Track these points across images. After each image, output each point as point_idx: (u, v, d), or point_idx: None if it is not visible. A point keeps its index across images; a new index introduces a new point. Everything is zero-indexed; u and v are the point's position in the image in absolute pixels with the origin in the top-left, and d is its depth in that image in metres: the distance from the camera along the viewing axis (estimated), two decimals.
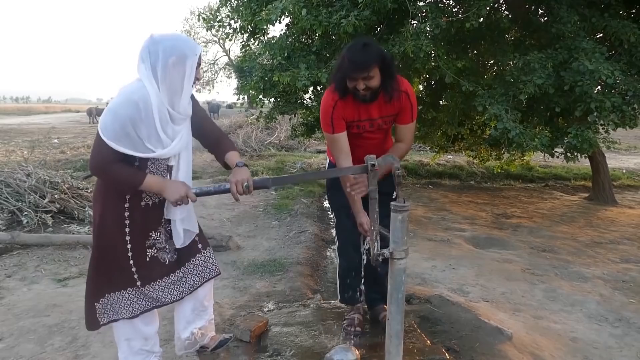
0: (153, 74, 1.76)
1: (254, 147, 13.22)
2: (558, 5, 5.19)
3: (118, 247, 1.93)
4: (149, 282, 2.02)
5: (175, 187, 1.87)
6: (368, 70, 2.16)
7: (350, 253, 2.66)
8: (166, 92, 1.79)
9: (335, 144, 2.41)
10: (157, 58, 1.75)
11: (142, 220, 1.95)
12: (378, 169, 1.92)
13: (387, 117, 2.42)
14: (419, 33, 4.88)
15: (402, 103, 2.35)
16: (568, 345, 2.85)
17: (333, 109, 2.34)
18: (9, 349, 2.61)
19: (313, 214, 6.23)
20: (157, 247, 2.01)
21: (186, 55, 1.77)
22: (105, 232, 1.92)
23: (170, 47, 1.75)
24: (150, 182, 1.85)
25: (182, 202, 1.87)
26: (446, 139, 8.47)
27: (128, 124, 1.73)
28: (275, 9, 5.13)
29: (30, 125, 23.79)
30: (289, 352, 2.38)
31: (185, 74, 1.79)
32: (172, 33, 1.85)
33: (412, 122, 2.44)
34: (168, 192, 1.86)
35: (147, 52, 1.76)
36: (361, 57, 2.15)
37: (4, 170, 5.82)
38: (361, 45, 2.19)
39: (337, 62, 2.33)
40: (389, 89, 2.26)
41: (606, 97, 4.71)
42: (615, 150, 12.19)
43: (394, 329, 1.92)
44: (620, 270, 4.21)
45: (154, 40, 1.77)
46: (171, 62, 1.75)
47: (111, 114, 1.75)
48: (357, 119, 2.39)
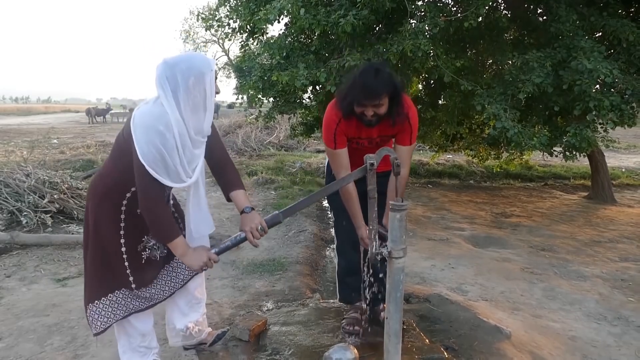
0: (175, 100, 1.73)
1: (254, 147, 13.22)
2: (557, 4, 5.19)
3: (113, 251, 1.93)
4: (144, 285, 2.04)
5: (197, 254, 1.88)
6: (379, 98, 2.16)
7: (349, 253, 2.66)
8: (190, 115, 1.77)
9: (336, 159, 2.43)
10: (176, 82, 1.72)
11: (136, 225, 1.95)
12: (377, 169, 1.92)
13: (386, 137, 2.45)
14: (417, 32, 4.88)
15: (403, 126, 2.35)
16: (567, 343, 2.86)
17: (337, 126, 2.35)
18: (9, 349, 2.61)
19: (312, 213, 6.23)
20: (148, 247, 2.02)
21: (204, 73, 1.76)
22: (100, 236, 1.92)
23: (187, 69, 1.73)
24: (178, 243, 1.85)
25: (207, 266, 1.89)
26: (445, 138, 8.47)
27: (162, 150, 1.72)
28: (273, 8, 5.13)
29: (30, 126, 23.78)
30: (288, 351, 2.39)
31: (207, 91, 1.78)
32: (184, 53, 1.87)
33: (410, 145, 2.42)
34: (189, 260, 1.87)
35: (165, 78, 1.73)
36: (373, 84, 2.13)
37: (4, 170, 5.82)
38: (374, 71, 2.16)
39: (346, 84, 2.30)
40: (393, 114, 2.26)
41: (605, 96, 4.71)
42: (614, 149, 12.17)
43: (392, 327, 1.92)
44: (619, 269, 4.22)
45: (169, 64, 1.74)
46: (191, 84, 1.73)
47: (144, 142, 1.71)
48: (357, 136, 2.42)
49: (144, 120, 1.74)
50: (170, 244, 1.85)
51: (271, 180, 8.36)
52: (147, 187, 1.77)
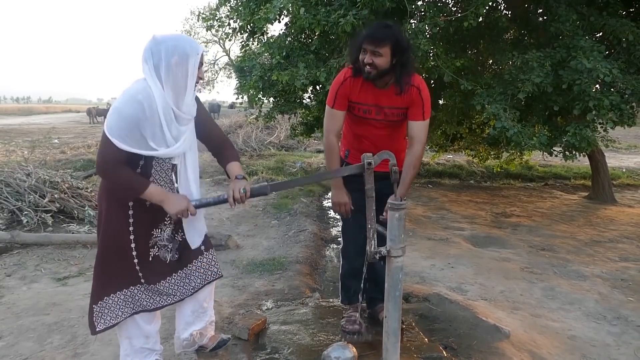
0: (157, 74, 1.78)
1: (254, 147, 13.23)
2: (557, 4, 5.20)
3: (123, 246, 1.93)
4: (153, 283, 2.03)
5: (175, 200, 1.89)
6: (379, 44, 2.17)
7: (354, 256, 2.67)
8: (170, 92, 1.81)
9: (330, 118, 2.45)
10: (159, 58, 1.77)
11: (146, 219, 1.95)
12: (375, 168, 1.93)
13: (396, 109, 2.38)
14: (417, 32, 4.89)
15: (413, 97, 2.32)
16: (566, 343, 2.86)
17: (341, 84, 2.37)
18: (9, 347, 2.62)
19: (312, 213, 6.24)
20: (158, 245, 2.01)
21: (188, 54, 1.79)
22: (110, 231, 1.92)
23: (173, 47, 1.77)
24: (152, 191, 1.86)
25: (183, 215, 1.89)
26: (445, 138, 8.48)
27: (133, 122, 1.75)
28: (273, 7, 5.14)
29: (31, 126, 23.81)
30: (287, 350, 2.39)
31: (188, 73, 1.81)
32: (174, 33, 1.87)
33: (423, 120, 2.38)
34: (168, 205, 1.88)
35: (150, 52, 1.78)
36: (377, 32, 2.19)
37: (4, 170, 5.84)
38: (385, 24, 2.24)
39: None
40: (400, 79, 2.25)
41: (604, 95, 4.71)
42: (615, 149, 12.17)
43: (391, 326, 1.93)
44: (619, 269, 4.22)
45: (157, 40, 1.79)
46: (174, 62, 1.77)
47: (116, 113, 1.76)
48: (363, 101, 2.38)
49: (124, 94, 1.80)
50: (144, 195, 1.85)
51: (272, 180, 8.37)
52: (105, 155, 1.80)
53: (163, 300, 2.08)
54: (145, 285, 2.01)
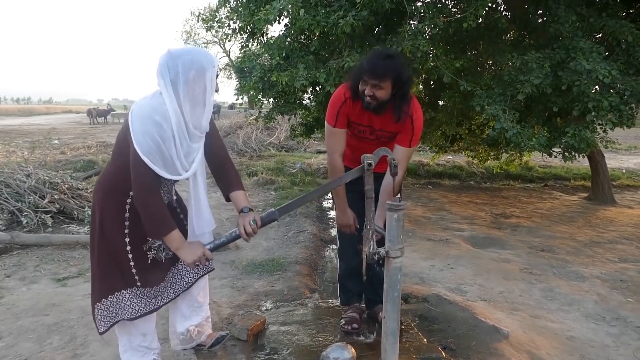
0: (174, 90, 1.75)
1: (254, 148, 13.23)
2: (556, 5, 5.20)
3: (118, 249, 1.92)
4: (150, 285, 2.02)
5: (192, 249, 1.87)
6: (380, 79, 2.16)
7: (350, 257, 2.68)
8: (188, 107, 1.78)
9: (333, 138, 2.44)
10: (176, 73, 1.74)
11: (141, 224, 1.92)
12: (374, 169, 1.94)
13: (387, 132, 2.43)
14: (417, 33, 4.89)
15: (405, 125, 2.33)
16: (565, 344, 2.86)
17: (342, 104, 2.37)
18: (8, 348, 2.62)
19: (312, 214, 6.24)
20: (154, 247, 2.01)
21: (205, 68, 1.77)
22: (105, 235, 1.91)
23: (190, 62, 1.74)
24: (173, 237, 1.83)
25: (200, 262, 1.88)
26: (445, 139, 8.48)
27: (159, 140, 1.72)
28: (273, 9, 5.14)
29: (31, 126, 23.81)
30: (286, 350, 2.40)
31: (207, 86, 1.79)
32: (188, 47, 1.87)
33: (409, 149, 2.39)
34: (184, 254, 1.86)
35: (167, 67, 1.74)
36: (379, 65, 2.16)
37: (4, 170, 5.84)
38: (386, 54, 2.20)
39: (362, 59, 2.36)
40: (398, 109, 2.25)
41: (604, 96, 4.71)
42: (614, 150, 12.19)
43: (390, 327, 1.93)
44: (618, 270, 4.22)
45: (172, 55, 1.75)
46: (192, 77, 1.74)
47: (141, 132, 1.71)
48: (359, 122, 2.41)
49: (141, 111, 1.75)
50: (164, 238, 1.83)
51: (271, 180, 8.37)
52: (141, 177, 1.75)
53: (159, 302, 2.07)
54: (141, 288, 1.99)
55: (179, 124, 1.76)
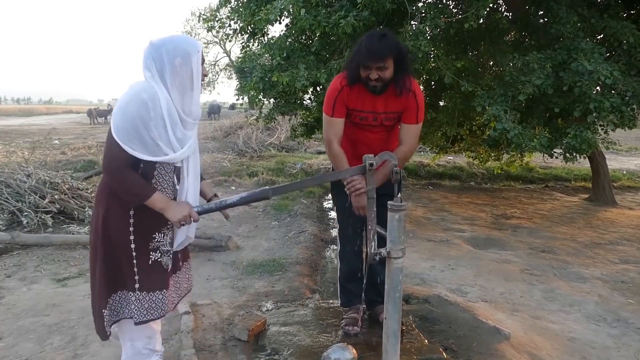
0: (161, 80, 1.75)
1: (254, 148, 13.23)
2: (557, 6, 5.19)
3: (122, 248, 1.89)
4: (148, 289, 1.93)
5: (177, 207, 1.86)
6: (383, 60, 2.19)
7: (351, 259, 2.68)
8: (177, 95, 1.78)
9: (331, 127, 2.44)
10: (162, 62, 1.74)
11: (147, 220, 1.91)
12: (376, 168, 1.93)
13: (392, 114, 2.42)
14: (418, 33, 4.89)
15: (409, 101, 2.36)
16: (566, 345, 2.86)
17: (338, 93, 2.38)
18: (9, 348, 2.62)
19: (313, 214, 6.24)
20: (161, 250, 1.96)
21: (190, 53, 1.77)
22: (109, 231, 1.88)
23: (173, 49, 1.75)
24: (156, 198, 1.83)
25: (186, 222, 1.87)
26: (446, 139, 8.47)
27: (138, 122, 1.71)
28: (274, 8, 5.14)
29: (31, 126, 23.83)
30: (287, 351, 2.39)
31: (193, 72, 1.79)
32: (169, 35, 1.84)
33: (416, 124, 2.42)
34: (171, 212, 1.84)
35: (151, 58, 1.75)
36: (378, 47, 2.18)
37: (5, 170, 5.84)
38: (379, 35, 2.22)
39: (353, 50, 2.35)
40: (399, 82, 2.28)
41: (605, 97, 4.70)
42: (615, 152, 12.19)
43: (391, 328, 1.92)
44: (619, 271, 4.22)
45: (155, 45, 1.75)
46: (177, 63, 1.75)
47: (120, 113, 1.72)
48: (360, 108, 2.40)
49: (128, 92, 1.75)
50: (148, 202, 1.81)
51: (272, 181, 8.38)
52: (112, 161, 1.75)
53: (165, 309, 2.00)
54: (137, 293, 1.92)
55: (170, 111, 1.76)
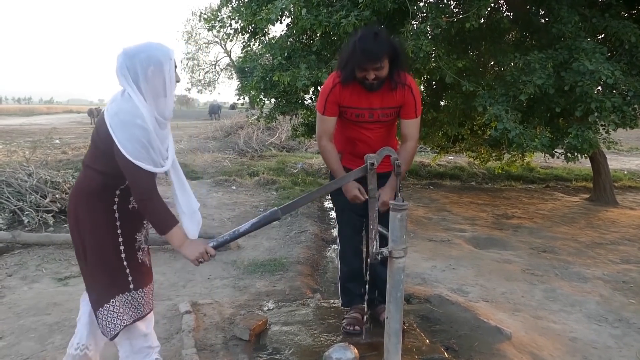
0: (137, 87, 1.78)
1: (255, 148, 13.23)
2: (559, 6, 5.19)
3: (112, 251, 1.90)
4: (141, 286, 1.99)
5: (194, 245, 1.89)
6: (380, 60, 2.19)
7: (351, 259, 2.68)
8: (152, 101, 1.81)
9: (322, 124, 2.46)
10: (136, 72, 1.77)
11: (130, 223, 1.94)
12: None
13: (388, 109, 2.41)
14: (419, 33, 4.88)
15: (405, 97, 2.37)
16: (567, 345, 2.85)
17: (329, 92, 2.38)
18: (10, 347, 2.62)
19: (314, 214, 6.23)
20: (141, 248, 2.00)
21: (162, 62, 1.80)
22: (98, 239, 1.89)
23: (147, 58, 1.77)
24: (176, 233, 1.85)
25: (204, 259, 1.88)
26: (447, 139, 8.46)
27: (145, 142, 1.75)
28: (275, 8, 5.13)
29: (32, 126, 23.85)
30: (288, 350, 2.39)
31: (166, 80, 1.81)
32: (143, 43, 1.86)
33: (416, 118, 2.44)
34: (187, 251, 1.87)
35: (125, 68, 1.78)
36: (373, 47, 2.17)
37: (6, 170, 5.84)
38: (373, 34, 2.20)
39: (346, 50, 2.33)
40: (394, 78, 2.28)
41: (606, 97, 4.70)
42: (616, 152, 12.17)
43: (392, 327, 1.92)
44: (620, 271, 4.21)
45: (128, 54, 1.78)
46: (150, 73, 1.78)
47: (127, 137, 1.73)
48: (355, 105, 2.39)
49: (119, 118, 1.76)
50: (168, 235, 1.84)
51: (272, 180, 8.37)
52: (139, 181, 1.78)
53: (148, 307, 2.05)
54: (134, 292, 1.97)
55: (151, 118, 1.80)
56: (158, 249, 4.48)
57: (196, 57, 37.35)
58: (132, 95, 1.77)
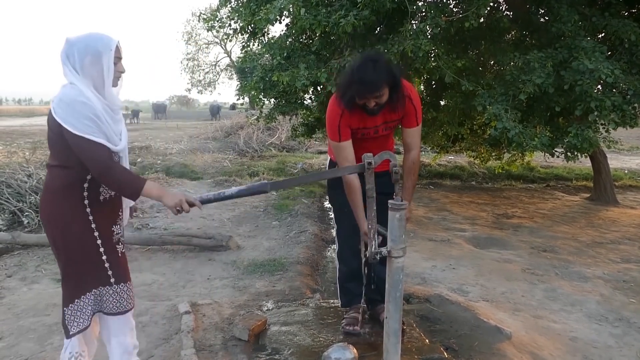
0: (77, 73, 1.81)
1: (255, 148, 13.23)
2: (558, 5, 5.18)
3: (88, 245, 1.88)
4: (123, 281, 1.97)
5: (174, 195, 1.87)
6: (379, 90, 2.20)
7: (350, 259, 2.67)
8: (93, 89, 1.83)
9: (341, 152, 2.43)
10: (74, 60, 1.79)
11: (104, 216, 1.92)
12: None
13: (391, 122, 2.47)
14: (418, 33, 4.88)
15: (406, 108, 2.39)
16: (567, 344, 2.85)
17: (340, 118, 2.37)
18: (9, 348, 2.62)
19: (313, 214, 6.23)
20: (121, 241, 2.00)
21: (101, 52, 1.81)
22: (74, 233, 1.86)
23: (84, 47, 1.79)
24: (151, 187, 1.84)
25: (183, 208, 1.86)
26: (446, 139, 8.47)
27: (92, 116, 1.75)
28: (274, 8, 5.13)
29: (32, 127, 23.83)
30: (287, 350, 2.39)
31: (103, 70, 1.82)
32: (86, 33, 1.87)
33: (417, 126, 2.47)
34: (167, 200, 1.85)
35: (66, 56, 1.81)
36: (372, 78, 2.16)
37: (6, 171, 5.84)
38: (371, 64, 2.18)
39: (345, 79, 2.32)
40: (394, 99, 2.29)
41: (606, 96, 4.69)
42: (617, 151, 12.14)
43: (392, 327, 1.92)
44: (620, 270, 4.20)
45: (70, 43, 1.80)
46: (87, 62, 1.79)
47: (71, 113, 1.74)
48: (363, 126, 2.43)
49: (63, 102, 1.77)
50: (143, 193, 1.83)
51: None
52: (94, 155, 1.77)
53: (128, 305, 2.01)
54: (114, 286, 1.94)
55: (98, 102, 1.81)
56: (158, 249, 4.48)
57: (196, 57, 37.35)
58: (76, 82, 1.79)
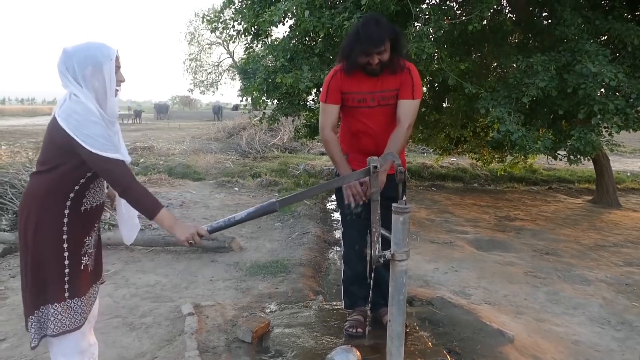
0: (78, 84, 1.78)
1: (258, 149, 13.24)
2: (562, 8, 5.18)
3: (53, 256, 1.83)
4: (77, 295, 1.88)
5: (185, 227, 1.86)
6: (383, 44, 2.28)
7: (355, 262, 2.67)
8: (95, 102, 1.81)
9: (325, 114, 2.51)
10: (74, 71, 1.76)
11: (80, 225, 1.87)
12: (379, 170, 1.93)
13: (388, 92, 2.46)
14: (422, 35, 4.88)
15: (404, 77, 2.44)
16: (570, 348, 2.85)
17: (331, 79, 2.47)
18: (13, 349, 2.63)
19: (316, 215, 6.24)
20: (88, 253, 1.92)
21: (101, 62, 1.78)
22: (41, 238, 1.82)
23: (84, 58, 1.77)
24: (165, 215, 1.83)
25: (194, 240, 1.85)
26: (449, 141, 8.47)
27: (104, 134, 1.75)
28: (278, 10, 5.15)
29: (35, 127, 23.88)
30: (291, 353, 2.39)
31: (105, 80, 1.80)
32: (84, 42, 1.85)
33: (412, 100, 2.45)
34: (178, 232, 1.84)
35: (65, 67, 1.78)
36: (376, 32, 2.27)
37: (9, 171, 5.86)
38: (374, 22, 2.30)
39: (349, 39, 2.41)
40: (394, 62, 2.36)
41: (609, 99, 4.69)
42: (619, 153, 12.15)
43: (395, 330, 1.92)
44: (623, 274, 4.20)
45: (67, 53, 1.77)
46: (89, 73, 1.77)
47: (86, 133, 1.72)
48: (356, 90, 2.45)
49: (75, 119, 1.75)
50: (156, 218, 1.82)
51: (275, 182, 8.38)
52: (115, 172, 1.77)
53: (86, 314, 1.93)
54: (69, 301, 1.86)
55: (102, 117, 1.80)
56: (161, 250, 4.49)
57: (199, 58, 37.43)
58: (78, 94, 1.77)
